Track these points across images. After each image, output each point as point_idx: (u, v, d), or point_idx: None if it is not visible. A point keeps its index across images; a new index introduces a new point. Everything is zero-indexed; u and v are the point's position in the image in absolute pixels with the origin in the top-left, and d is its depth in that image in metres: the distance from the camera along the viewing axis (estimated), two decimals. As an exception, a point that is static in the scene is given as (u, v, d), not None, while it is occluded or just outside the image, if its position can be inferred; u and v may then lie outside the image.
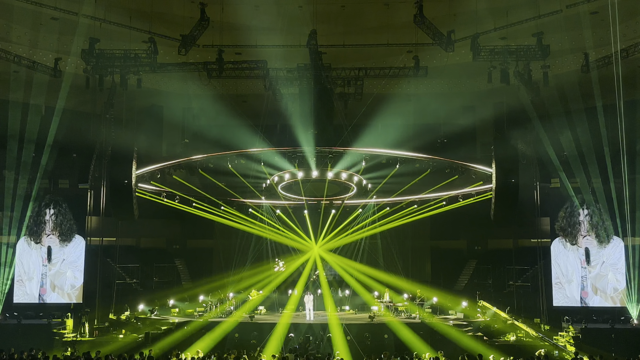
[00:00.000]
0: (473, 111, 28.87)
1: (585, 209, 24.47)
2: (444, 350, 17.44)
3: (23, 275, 25.20)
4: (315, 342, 19.90)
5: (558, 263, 24.80)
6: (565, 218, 24.83)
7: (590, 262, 24.30)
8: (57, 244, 25.45)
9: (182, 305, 25.95)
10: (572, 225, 24.66)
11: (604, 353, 18.21)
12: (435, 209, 26.23)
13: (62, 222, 25.59)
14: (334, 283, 27.93)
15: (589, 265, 24.37)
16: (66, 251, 25.54)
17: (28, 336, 20.76)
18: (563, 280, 24.67)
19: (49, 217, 25.53)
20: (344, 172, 25.34)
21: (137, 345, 20.31)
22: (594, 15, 22.02)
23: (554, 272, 24.85)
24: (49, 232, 25.43)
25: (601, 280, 24.20)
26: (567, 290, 24.58)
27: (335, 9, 22.90)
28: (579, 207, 24.39)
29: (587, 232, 24.39)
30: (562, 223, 24.84)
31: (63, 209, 25.72)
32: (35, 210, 25.34)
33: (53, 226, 25.49)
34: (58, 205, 25.66)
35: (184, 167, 25.55)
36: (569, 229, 24.69)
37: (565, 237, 24.73)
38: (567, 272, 24.64)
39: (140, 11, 22.66)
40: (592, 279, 24.32)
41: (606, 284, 24.15)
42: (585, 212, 24.47)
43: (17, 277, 25.12)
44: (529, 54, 21.97)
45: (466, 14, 22.23)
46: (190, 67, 23.55)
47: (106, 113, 24.20)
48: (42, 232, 25.37)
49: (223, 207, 27.08)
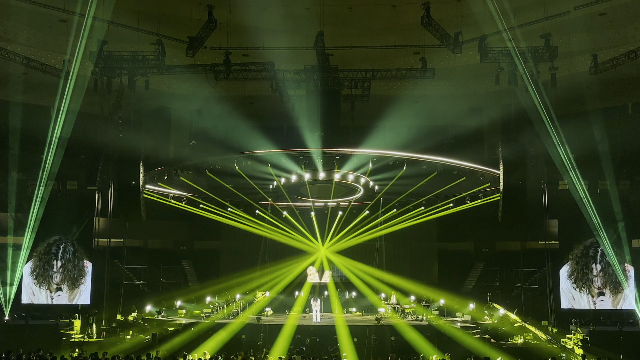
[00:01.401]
0: (480, 113, 28.80)
1: (598, 264, 23.74)
2: (450, 352, 17.38)
3: (29, 280, 25.18)
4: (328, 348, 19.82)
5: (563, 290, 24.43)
6: (578, 271, 24.17)
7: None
8: (66, 290, 25.17)
9: (189, 307, 25.99)
10: (585, 281, 24.18)
11: (613, 355, 18.10)
12: (442, 211, 26.19)
13: (72, 270, 25.08)
14: (340, 285, 27.90)
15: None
16: (74, 292, 25.37)
17: (36, 337, 20.81)
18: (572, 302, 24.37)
19: (57, 269, 25.04)
20: (351, 174, 25.33)
21: (144, 346, 20.32)
22: (603, 17, 21.93)
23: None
24: (58, 282, 25.02)
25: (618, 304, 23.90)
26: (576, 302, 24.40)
27: (342, 11, 22.90)
28: (592, 261, 23.74)
29: (602, 285, 23.90)
30: (575, 274, 24.19)
31: (69, 254, 25.12)
32: (41, 260, 24.87)
33: (61, 278, 25.04)
34: (66, 253, 25.08)
35: (191, 168, 25.62)
36: (581, 282, 24.16)
37: (577, 287, 24.30)
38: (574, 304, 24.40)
39: (148, 13, 22.74)
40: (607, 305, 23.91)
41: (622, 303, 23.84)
42: (599, 267, 23.80)
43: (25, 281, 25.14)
44: (537, 55, 21.89)
45: (473, 16, 22.18)
46: (198, 69, 23.61)
47: (114, 115, 24.30)
48: (51, 282, 24.98)
49: (230, 208, 27.11)
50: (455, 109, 28.14)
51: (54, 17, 22.57)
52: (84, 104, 26.20)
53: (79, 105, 24.41)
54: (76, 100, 24.14)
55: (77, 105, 24.47)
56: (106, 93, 23.50)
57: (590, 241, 23.86)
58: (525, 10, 21.94)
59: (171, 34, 23.55)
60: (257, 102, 28.44)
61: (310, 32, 22.24)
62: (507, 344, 20.76)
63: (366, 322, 22.97)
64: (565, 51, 22.93)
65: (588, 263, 24.00)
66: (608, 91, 25.50)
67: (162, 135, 29.09)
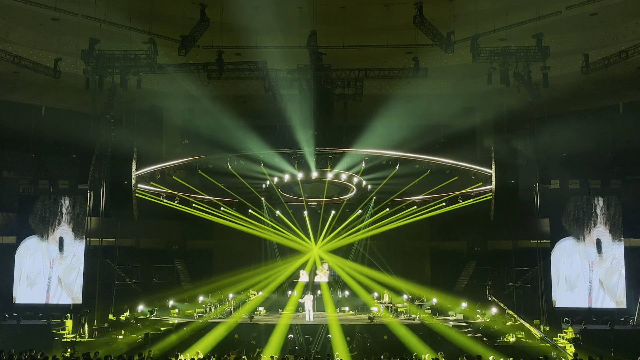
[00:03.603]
0: (473, 112, 28.89)
1: (600, 200, 24.03)
2: (443, 351, 17.47)
3: (24, 280, 25.02)
4: (317, 344, 19.87)
5: (558, 269, 24.45)
6: (578, 208, 24.42)
7: (603, 254, 23.85)
8: (70, 237, 25.21)
9: (182, 306, 25.94)
10: (587, 214, 24.25)
11: (604, 353, 18.21)
12: (435, 210, 26.25)
13: (80, 214, 25.48)
14: (333, 284, 27.93)
15: (601, 259, 23.87)
16: (79, 247, 25.41)
17: (27, 337, 20.74)
18: (564, 287, 24.33)
19: (65, 209, 25.38)
20: (344, 173, 25.35)
21: (136, 346, 20.28)
22: (594, 17, 22.04)
23: (554, 278, 24.58)
24: (62, 222, 25.26)
25: (612, 277, 23.78)
26: (570, 298, 24.39)
27: (335, 10, 22.88)
28: (595, 196, 23.93)
29: (600, 223, 23.97)
30: (574, 212, 24.38)
31: (79, 201, 25.68)
32: (47, 198, 25.05)
33: (68, 218, 25.39)
34: (74, 194, 25.65)
35: (184, 168, 25.57)
36: (582, 218, 24.26)
37: (574, 232, 24.26)
38: (570, 277, 24.25)
39: (140, 12, 22.64)
40: (602, 276, 23.89)
41: (616, 283, 23.78)
42: (601, 202, 24.03)
43: (17, 281, 25.03)
44: (529, 55, 21.98)
45: (466, 15, 22.23)
46: (190, 68, 23.54)
47: (106, 114, 24.18)
48: (54, 224, 25.11)
49: (223, 207, 27.06)
50: (447, 109, 28.17)
51: (45, 16, 22.43)
52: (76, 102, 26.15)
53: (69, 104, 24.37)
54: (67, 99, 24.08)
55: (68, 104, 24.41)
56: (98, 92, 23.38)
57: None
58: (517, 10, 22.00)
59: (163, 33, 23.47)
60: (249, 101, 28.41)
61: (303, 32, 22.23)
62: (499, 342, 20.86)
63: (359, 321, 23.01)
64: (557, 51, 23.03)
65: (590, 201, 24.41)
66: (599, 91, 25.64)
67: (154, 134, 28.99)
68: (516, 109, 24.08)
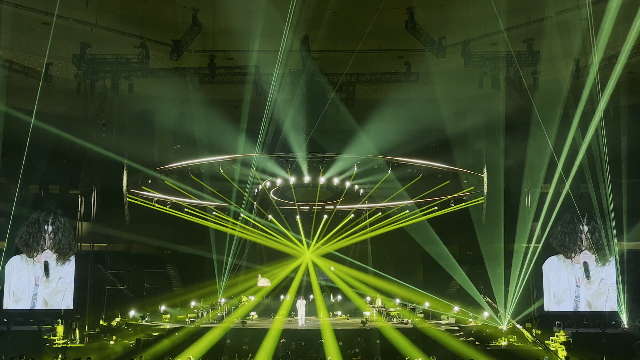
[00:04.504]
0: (464, 117, 28.98)
1: (586, 225, 23.78)
2: (435, 355, 17.45)
3: (11, 297, 24.44)
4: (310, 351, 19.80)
5: (549, 283, 24.40)
6: (564, 234, 24.10)
7: (590, 276, 23.87)
8: (54, 261, 24.19)
9: (174, 311, 25.83)
10: (572, 240, 24.13)
11: (596, 357, 18.28)
12: (427, 214, 26.30)
13: (62, 240, 24.23)
14: (326, 288, 27.91)
15: (588, 282, 23.87)
16: (64, 270, 24.31)
17: (18, 342, 20.58)
18: (553, 302, 24.27)
19: (48, 234, 24.18)
20: (336, 178, 25.36)
21: (128, 351, 20.20)
22: (584, 22, 22.18)
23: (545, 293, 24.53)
24: (46, 248, 24.10)
25: (599, 299, 23.74)
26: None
27: (327, 15, 22.94)
28: (580, 221, 23.68)
29: (586, 248, 23.84)
30: (560, 238, 24.12)
31: (62, 224, 24.30)
32: (32, 224, 24.08)
33: (51, 244, 24.13)
34: (57, 220, 24.26)
35: (175, 172, 25.49)
36: (567, 242, 24.13)
37: (563, 251, 24.22)
38: (558, 293, 24.21)
39: (132, 16, 22.62)
40: (590, 297, 23.87)
41: (604, 303, 23.73)
42: (587, 228, 23.88)
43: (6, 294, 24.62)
44: (520, 60, 22.12)
45: (457, 20, 22.34)
46: (182, 72, 23.55)
47: (97, 118, 24.13)
48: (38, 248, 24.08)
49: (215, 212, 27.00)
50: (439, 113, 28.26)
51: (36, 20, 22.36)
52: (67, 107, 26.04)
53: (60, 109, 24.27)
54: (59, 103, 23.98)
55: (59, 108, 24.32)
56: (89, 96, 23.33)
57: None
58: (508, 15, 22.14)
59: (155, 37, 23.45)
60: (241, 106, 28.38)
61: (295, 36, 22.27)
62: (491, 346, 20.90)
63: (352, 325, 23.00)
64: (548, 55, 23.17)
65: (576, 226, 23.87)
66: (589, 95, 25.78)
67: (146, 139, 28.92)
68: (507, 114, 24.21)
